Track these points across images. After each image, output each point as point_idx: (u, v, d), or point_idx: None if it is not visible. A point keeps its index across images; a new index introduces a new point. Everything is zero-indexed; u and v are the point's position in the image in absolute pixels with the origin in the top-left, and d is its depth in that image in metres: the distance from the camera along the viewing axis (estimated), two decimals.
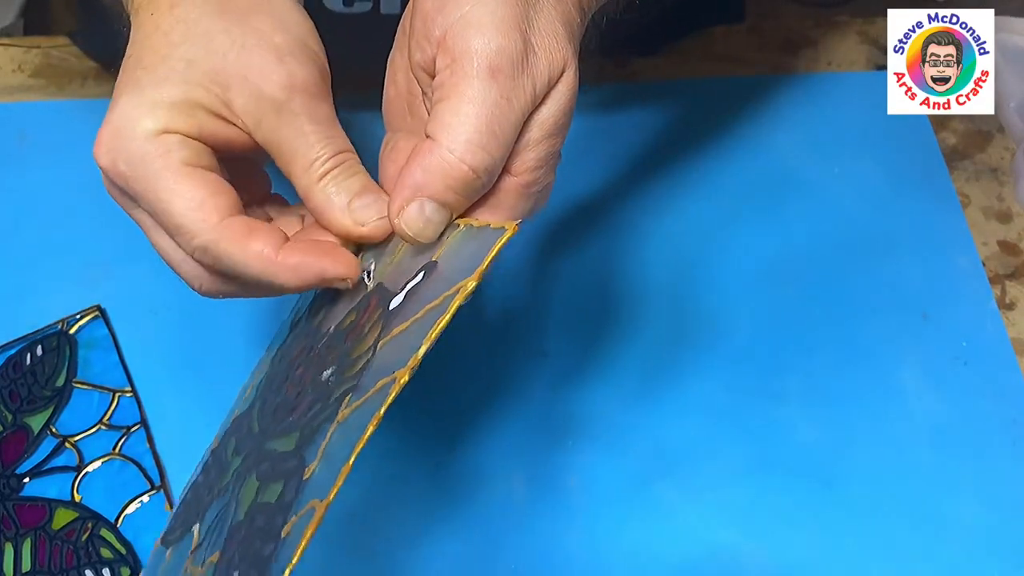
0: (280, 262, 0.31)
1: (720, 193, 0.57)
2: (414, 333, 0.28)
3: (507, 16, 0.29)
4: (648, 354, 0.50)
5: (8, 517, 0.45)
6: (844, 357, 0.50)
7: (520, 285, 0.53)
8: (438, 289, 0.29)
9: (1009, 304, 0.52)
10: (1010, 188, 0.58)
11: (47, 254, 0.54)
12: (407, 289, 0.30)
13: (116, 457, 0.47)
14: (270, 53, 0.31)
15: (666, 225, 0.55)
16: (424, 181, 0.30)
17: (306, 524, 0.26)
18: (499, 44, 0.28)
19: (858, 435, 0.47)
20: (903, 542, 0.44)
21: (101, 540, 0.44)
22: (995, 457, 0.46)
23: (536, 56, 0.29)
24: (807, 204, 0.56)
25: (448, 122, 0.29)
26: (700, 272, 0.53)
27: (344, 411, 0.29)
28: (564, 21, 0.31)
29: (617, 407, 0.48)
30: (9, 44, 0.63)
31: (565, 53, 0.30)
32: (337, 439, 0.28)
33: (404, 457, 0.47)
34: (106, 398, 0.49)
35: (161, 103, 0.30)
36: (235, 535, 0.30)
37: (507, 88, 0.29)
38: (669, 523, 0.45)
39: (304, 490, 0.27)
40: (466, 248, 0.30)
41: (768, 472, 0.46)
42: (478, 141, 0.29)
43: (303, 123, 0.31)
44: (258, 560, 0.27)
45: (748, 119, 0.60)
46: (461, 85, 0.29)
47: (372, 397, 0.28)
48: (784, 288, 0.53)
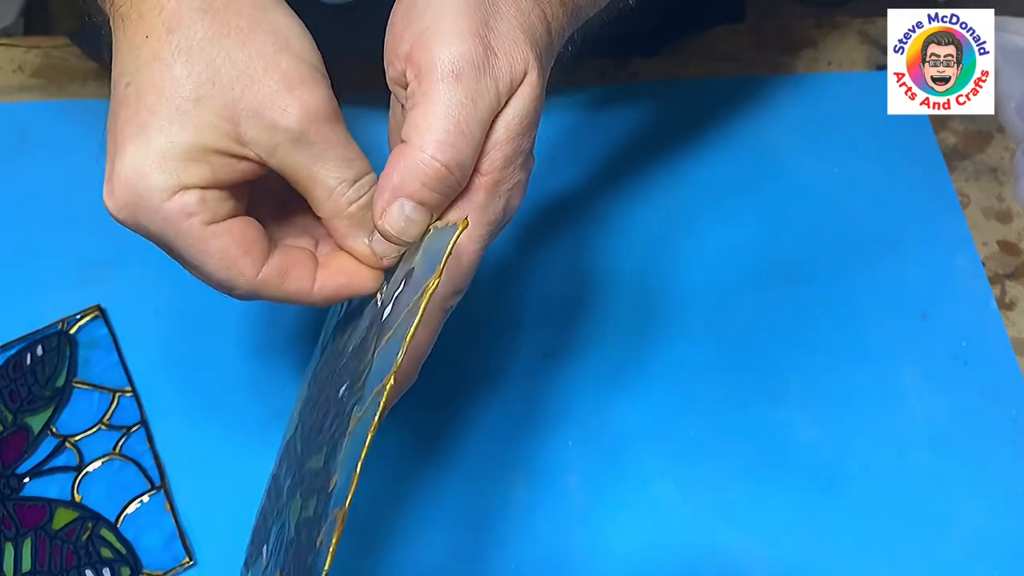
0: (316, 294, 0.33)
1: (719, 193, 0.57)
2: (396, 339, 0.29)
3: (466, 25, 0.30)
4: (648, 354, 0.50)
5: (8, 517, 0.45)
6: (844, 357, 0.50)
7: (521, 285, 0.53)
8: (412, 294, 0.30)
9: (1009, 304, 0.52)
10: (1010, 188, 0.58)
11: (47, 254, 0.54)
12: (394, 298, 0.32)
13: (116, 457, 0.47)
14: (279, 82, 0.30)
15: (665, 225, 0.55)
16: (400, 182, 0.31)
17: (332, 532, 0.27)
18: (459, 50, 0.30)
19: (858, 435, 0.47)
20: (903, 541, 0.44)
21: (101, 540, 0.44)
22: (995, 457, 0.47)
23: (497, 59, 0.31)
24: (807, 204, 0.56)
25: (419, 125, 0.30)
26: (700, 272, 0.53)
27: (352, 422, 0.30)
28: (525, 28, 0.32)
29: (617, 407, 0.48)
30: (9, 44, 0.63)
31: (526, 56, 0.31)
32: (348, 450, 0.29)
33: (404, 457, 0.47)
34: (106, 398, 0.49)
35: (172, 153, 0.30)
36: (290, 551, 0.32)
37: (471, 90, 0.30)
38: (669, 523, 0.45)
39: (329, 502, 0.29)
40: (431, 248, 0.31)
41: (768, 472, 0.46)
42: (447, 140, 0.30)
43: (320, 150, 0.31)
44: (303, 570, 0.29)
45: (748, 119, 0.60)
46: (429, 91, 0.30)
47: (369, 406, 0.29)
48: (784, 288, 0.53)
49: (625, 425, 0.48)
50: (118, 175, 0.30)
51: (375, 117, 0.60)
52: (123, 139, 0.30)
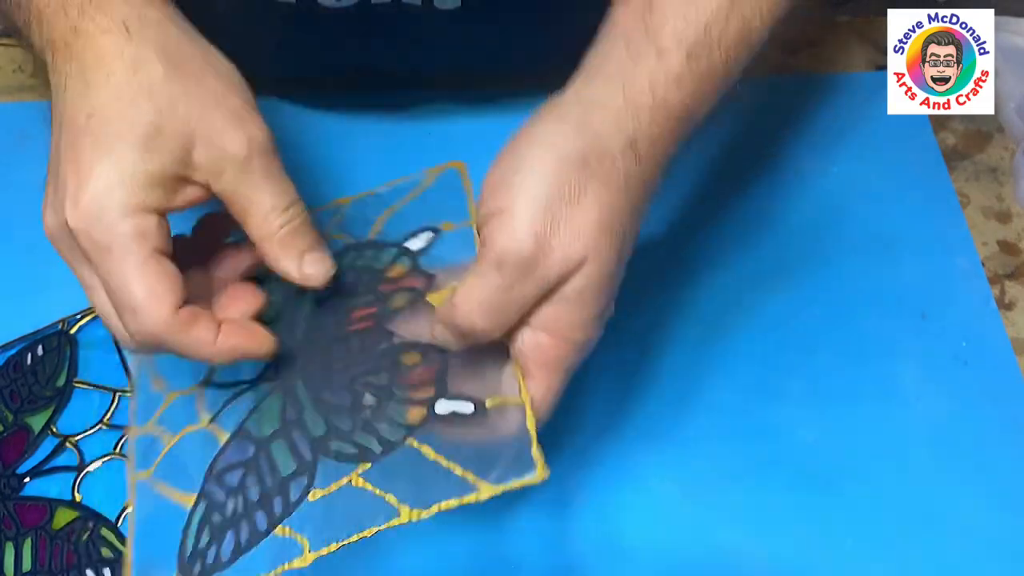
0: (217, 348, 0.35)
1: (718, 192, 0.57)
2: (436, 484, 0.35)
3: (531, 227, 0.34)
4: (648, 354, 0.50)
5: (9, 517, 0.45)
6: (844, 357, 0.50)
7: None
8: (466, 456, 0.35)
9: (1008, 304, 0.52)
10: (1009, 188, 0.58)
11: (48, 254, 0.53)
12: (455, 410, 0.37)
13: (117, 457, 0.47)
14: (230, 115, 0.35)
15: (664, 225, 0.55)
16: (437, 315, 0.37)
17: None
18: (513, 248, 0.34)
19: (858, 435, 0.47)
20: (902, 541, 0.44)
21: (101, 540, 0.44)
22: (994, 456, 0.47)
23: (549, 256, 0.34)
24: (806, 204, 0.56)
25: (465, 284, 0.35)
26: (699, 272, 0.53)
27: (357, 473, 0.36)
28: (602, 220, 0.35)
29: (617, 407, 0.48)
30: (9, 44, 0.63)
31: (586, 248, 0.34)
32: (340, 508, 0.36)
33: None
34: (107, 398, 0.49)
35: (138, 175, 0.33)
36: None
37: (510, 280, 0.34)
38: (669, 523, 0.45)
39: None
40: (503, 422, 0.36)
41: (768, 472, 0.46)
42: (477, 311, 0.35)
43: (259, 179, 0.35)
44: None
45: (747, 119, 0.60)
46: (479, 263, 0.35)
47: (380, 507, 0.35)
48: (784, 288, 0.53)
49: (625, 425, 0.48)
50: (85, 188, 0.33)
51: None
52: (90, 161, 0.33)
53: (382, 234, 0.43)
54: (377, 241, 0.43)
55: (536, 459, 0.35)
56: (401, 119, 0.61)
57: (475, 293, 0.35)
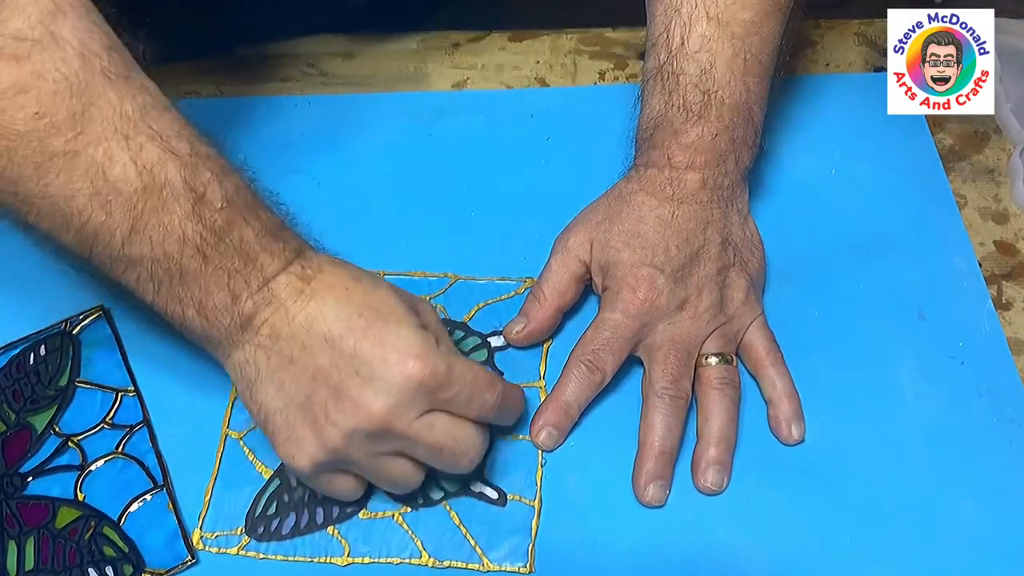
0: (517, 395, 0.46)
1: None
2: (453, 545, 0.45)
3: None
4: None
5: (12, 516, 0.45)
6: (841, 356, 0.50)
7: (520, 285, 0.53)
8: (481, 532, 0.45)
9: (1005, 304, 0.53)
10: (1007, 189, 0.58)
11: (50, 254, 0.54)
12: (484, 491, 0.46)
13: (119, 456, 0.47)
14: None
15: None
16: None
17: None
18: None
19: (855, 434, 0.48)
20: (900, 541, 0.44)
21: (104, 539, 0.44)
22: (992, 456, 0.47)
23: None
24: (804, 204, 0.57)
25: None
26: None
27: (399, 512, 0.46)
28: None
29: (617, 407, 0.49)
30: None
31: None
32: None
33: None
34: (109, 398, 0.49)
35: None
36: None
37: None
38: (669, 523, 0.45)
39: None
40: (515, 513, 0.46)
41: (767, 471, 0.47)
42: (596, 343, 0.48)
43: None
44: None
45: None
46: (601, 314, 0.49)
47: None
48: (781, 287, 0.53)
49: (625, 425, 0.48)
50: (410, 346, 0.40)
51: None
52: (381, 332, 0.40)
53: (474, 320, 0.51)
54: (469, 326, 0.51)
55: (529, 555, 0.44)
56: (401, 119, 0.61)
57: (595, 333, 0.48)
